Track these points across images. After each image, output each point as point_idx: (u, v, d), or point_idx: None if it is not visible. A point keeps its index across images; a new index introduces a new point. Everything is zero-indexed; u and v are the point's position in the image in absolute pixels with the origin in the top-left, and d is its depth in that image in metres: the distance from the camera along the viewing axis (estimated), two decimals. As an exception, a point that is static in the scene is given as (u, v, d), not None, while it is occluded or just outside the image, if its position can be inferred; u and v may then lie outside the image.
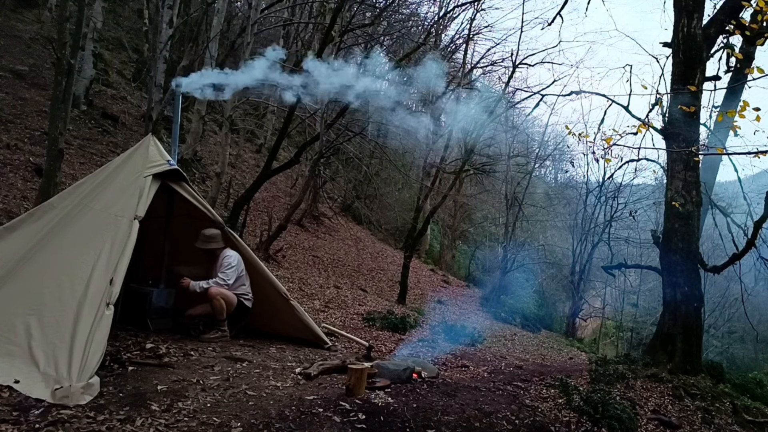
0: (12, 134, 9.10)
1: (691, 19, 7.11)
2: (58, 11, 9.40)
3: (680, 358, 6.62)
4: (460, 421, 3.79)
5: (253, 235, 12.21)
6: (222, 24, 12.54)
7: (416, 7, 20.18)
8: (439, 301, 15.36)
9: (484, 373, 6.75)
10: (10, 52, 11.43)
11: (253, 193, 10.73)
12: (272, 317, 5.75)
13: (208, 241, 5.32)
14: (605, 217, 20.08)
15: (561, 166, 26.71)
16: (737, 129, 5.61)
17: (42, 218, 4.49)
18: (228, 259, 5.30)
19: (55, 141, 6.25)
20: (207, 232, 5.31)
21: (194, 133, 12.63)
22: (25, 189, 7.86)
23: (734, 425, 5.60)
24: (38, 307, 3.71)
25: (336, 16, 10.34)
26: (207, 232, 5.31)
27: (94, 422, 2.94)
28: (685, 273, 6.88)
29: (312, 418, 3.41)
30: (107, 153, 10.37)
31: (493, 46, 31.63)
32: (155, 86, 9.03)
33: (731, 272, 9.25)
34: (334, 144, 13.57)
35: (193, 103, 12.65)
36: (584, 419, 4.54)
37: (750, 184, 11.86)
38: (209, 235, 5.32)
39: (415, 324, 9.92)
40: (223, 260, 5.31)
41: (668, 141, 7.24)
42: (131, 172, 4.56)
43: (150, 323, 5.20)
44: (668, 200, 7.10)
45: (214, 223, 5.32)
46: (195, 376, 3.95)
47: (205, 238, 5.31)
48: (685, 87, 6.49)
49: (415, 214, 15.19)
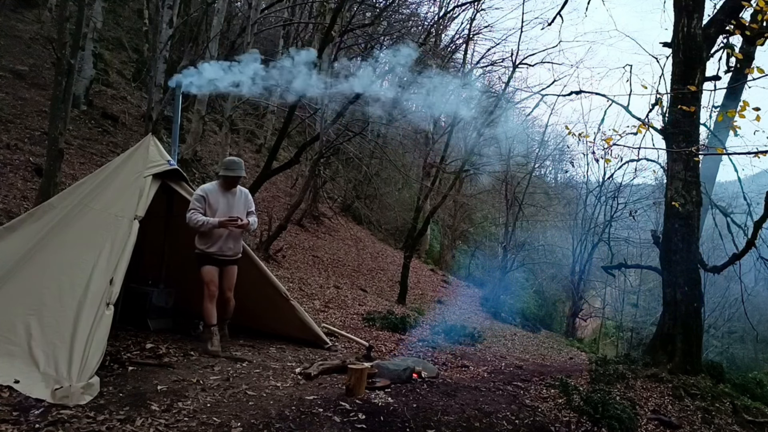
0: (12, 134, 9.10)
1: (691, 19, 7.10)
2: (58, 11, 9.40)
3: (680, 358, 6.61)
4: (460, 421, 3.79)
5: (253, 235, 12.20)
6: (222, 24, 12.54)
7: (416, 7, 20.22)
8: (439, 301, 15.36)
9: (484, 373, 6.75)
10: (10, 52, 11.43)
11: (253, 193, 10.72)
12: (272, 317, 5.74)
13: (239, 168, 4.81)
14: (605, 217, 20.08)
15: (561, 166, 26.76)
16: (737, 129, 5.61)
17: (42, 218, 4.49)
18: (250, 196, 5.00)
19: (55, 141, 6.25)
20: (235, 159, 4.88)
21: (194, 133, 12.63)
22: (25, 189, 7.86)
23: (734, 425, 5.60)
24: (38, 307, 3.71)
25: (336, 16, 10.34)
26: (235, 159, 4.88)
27: (94, 422, 2.95)
28: (685, 273, 6.88)
29: (312, 418, 3.41)
30: (107, 153, 10.37)
31: (493, 46, 31.69)
32: (155, 86, 9.03)
33: (731, 272, 9.26)
34: (334, 144, 13.57)
35: (193, 103, 12.65)
36: (584, 419, 4.54)
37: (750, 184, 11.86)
38: (239, 162, 4.85)
39: (415, 324, 9.92)
40: (248, 196, 4.96)
41: (668, 141, 7.24)
42: (131, 172, 4.56)
43: (150, 323, 5.20)
44: (668, 200, 7.10)
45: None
46: (195, 376, 3.95)
47: (236, 165, 4.79)
48: (685, 87, 6.49)
49: (415, 214, 15.19)
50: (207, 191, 4.70)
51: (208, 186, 4.80)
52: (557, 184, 29.57)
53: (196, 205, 4.62)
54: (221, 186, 4.78)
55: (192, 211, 4.59)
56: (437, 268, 21.36)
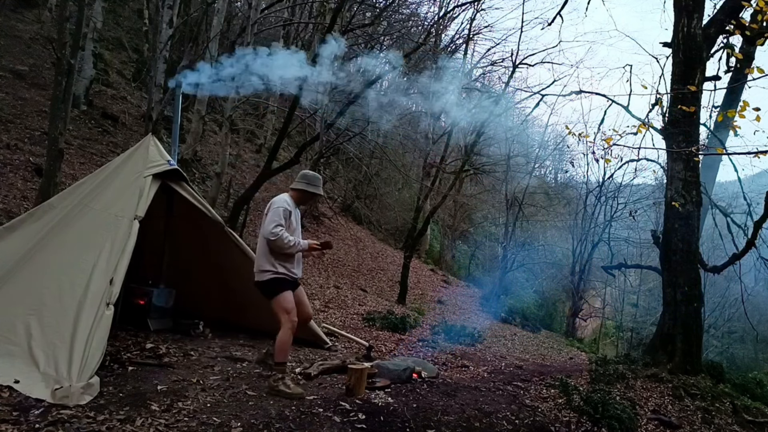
0: (12, 134, 9.10)
1: (691, 19, 7.10)
2: (58, 11, 9.40)
3: (680, 358, 6.61)
4: (460, 421, 3.79)
5: (253, 235, 12.20)
6: (222, 24, 12.54)
7: (416, 7, 20.20)
8: (439, 301, 15.36)
9: (484, 373, 6.75)
10: (10, 52, 11.43)
11: (253, 193, 10.72)
12: (272, 317, 5.73)
13: (321, 184, 4.36)
14: (605, 217, 20.08)
15: (561, 166, 26.76)
16: (737, 129, 5.61)
17: (42, 218, 4.49)
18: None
19: (55, 141, 6.25)
20: (316, 174, 4.36)
21: (194, 133, 12.63)
22: (25, 189, 7.86)
23: (734, 425, 5.60)
24: (38, 307, 3.71)
25: (336, 16, 10.34)
26: (316, 174, 4.36)
27: (94, 422, 2.94)
28: (685, 273, 6.88)
29: (312, 418, 3.42)
30: (107, 153, 10.37)
31: (493, 46, 31.62)
32: (155, 86, 9.03)
33: (731, 272, 9.26)
34: (334, 144, 13.57)
35: (193, 103, 12.65)
36: (584, 419, 4.54)
37: (750, 184, 11.85)
38: (320, 178, 4.37)
39: (415, 324, 9.93)
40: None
41: (668, 141, 7.24)
42: (131, 172, 4.56)
43: (150, 323, 5.20)
44: (668, 200, 7.10)
45: (213, 222, 5.32)
46: (195, 376, 3.95)
47: (318, 181, 4.31)
48: (685, 87, 6.49)
49: (415, 214, 15.19)
50: (289, 205, 4.10)
51: (287, 199, 4.15)
52: (557, 184, 29.57)
53: (282, 221, 3.96)
54: (295, 200, 4.22)
55: (279, 227, 3.92)
56: (437, 268, 21.36)
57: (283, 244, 3.92)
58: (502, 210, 21.47)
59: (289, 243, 3.93)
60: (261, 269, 4.02)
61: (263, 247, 4.03)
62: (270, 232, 3.90)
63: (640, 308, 24.94)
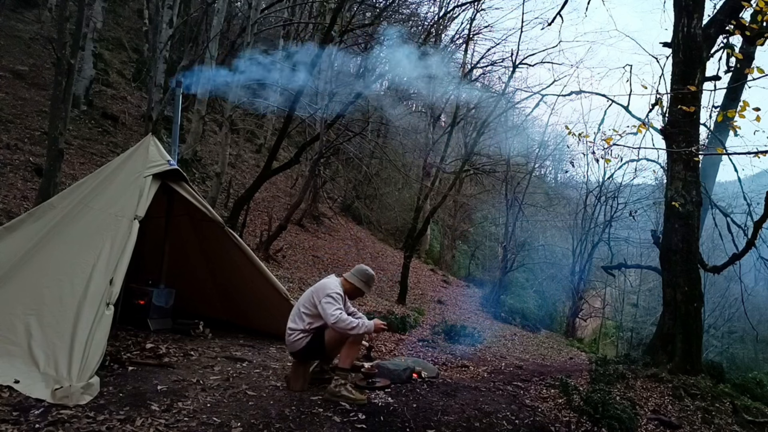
0: (12, 134, 9.10)
1: (691, 19, 7.11)
2: (58, 11, 9.40)
3: (680, 358, 6.62)
4: (460, 421, 3.79)
5: (253, 235, 12.21)
6: (222, 24, 12.54)
7: (416, 7, 20.21)
8: (439, 301, 15.36)
9: (484, 373, 6.75)
10: (10, 52, 11.44)
11: (253, 193, 10.73)
12: (272, 317, 5.74)
13: (373, 285, 4.47)
14: (605, 217, 20.08)
15: (561, 166, 26.76)
16: (737, 129, 5.60)
17: (42, 218, 4.49)
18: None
19: (55, 141, 6.25)
20: (373, 273, 4.40)
21: (194, 133, 12.63)
22: (25, 189, 7.86)
23: (734, 425, 5.60)
24: (38, 307, 3.71)
25: (336, 16, 10.35)
26: (373, 273, 4.40)
27: (94, 422, 2.94)
28: (685, 273, 6.88)
29: (312, 418, 3.42)
30: (107, 153, 10.37)
31: (493, 46, 31.73)
32: (155, 86, 9.03)
33: (731, 272, 9.27)
34: (334, 144, 13.58)
35: (193, 103, 12.66)
36: (584, 419, 4.54)
37: (750, 184, 11.84)
38: (375, 278, 4.44)
39: (415, 324, 9.93)
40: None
41: (668, 141, 7.24)
42: (131, 172, 4.56)
43: (150, 323, 5.20)
44: (668, 200, 7.10)
45: (213, 222, 5.32)
46: (195, 376, 3.95)
47: (373, 282, 4.41)
48: (685, 87, 6.49)
49: (415, 214, 15.19)
50: (341, 290, 4.11)
51: (337, 284, 4.16)
52: (557, 184, 29.58)
53: (340, 305, 3.94)
54: (346, 291, 4.19)
55: (340, 310, 3.86)
56: (437, 268, 21.36)
57: (345, 327, 3.79)
58: (502, 210, 21.46)
59: (349, 326, 3.79)
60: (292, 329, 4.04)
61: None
62: (330, 314, 3.81)
63: (640, 308, 24.96)
